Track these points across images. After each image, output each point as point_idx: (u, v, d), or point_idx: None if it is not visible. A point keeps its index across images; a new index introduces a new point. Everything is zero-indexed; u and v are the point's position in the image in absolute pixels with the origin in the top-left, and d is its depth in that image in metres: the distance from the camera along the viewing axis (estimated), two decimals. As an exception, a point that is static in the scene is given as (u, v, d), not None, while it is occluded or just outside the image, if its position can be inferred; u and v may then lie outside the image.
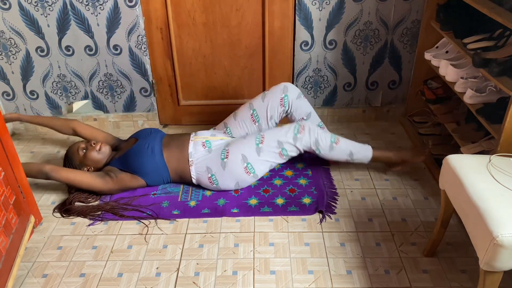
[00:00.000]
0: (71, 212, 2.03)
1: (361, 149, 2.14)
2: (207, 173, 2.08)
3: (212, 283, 1.67)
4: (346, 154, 2.12)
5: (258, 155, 2.06)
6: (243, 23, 2.45)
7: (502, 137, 1.63)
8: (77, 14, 2.38)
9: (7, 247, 1.57)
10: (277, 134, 2.09)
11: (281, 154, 2.09)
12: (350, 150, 2.12)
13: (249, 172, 2.07)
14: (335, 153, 2.11)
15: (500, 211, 1.29)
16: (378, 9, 2.40)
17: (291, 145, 2.08)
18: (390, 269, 1.72)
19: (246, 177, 2.09)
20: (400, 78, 2.64)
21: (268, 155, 2.08)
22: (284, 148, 2.08)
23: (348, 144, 2.13)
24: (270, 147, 2.07)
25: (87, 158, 2.14)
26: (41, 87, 2.62)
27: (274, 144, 2.07)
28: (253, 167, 2.07)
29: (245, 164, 2.06)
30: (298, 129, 2.07)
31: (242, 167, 2.06)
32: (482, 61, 1.73)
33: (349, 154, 2.12)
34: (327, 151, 2.10)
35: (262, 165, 2.09)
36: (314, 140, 2.07)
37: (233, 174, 2.07)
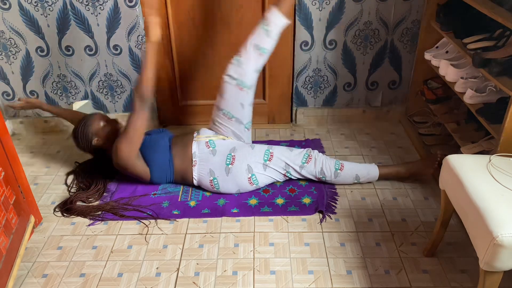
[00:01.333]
0: (71, 212, 2.03)
1: (367, 170, 2.15)
2: (209, 175, 2.08)
3: (212, 283, 1.67)
4: (352, 178, 2.14)
5: (264, 170, 2.09)
6: (243, 23, 2.45)
7: (502, 137, 1.63)
8: (77, 14, 2.38)
9: (7, 247, 1.57)
10: (286, 156, 2.12)
11: (285, 175, 2.14)
12: (355, 174, 2.14)
13: (252, 183, 2.09)
14: (341, 179, 2.14)
15: (500, 211, 1.29)
16: (378, 9, 2.40)
17: (296, 171, 2.12)
18: (390, 269, 1.72)
19: (249, 186, 2.10)
20: (400, 78, 2.64)
21: (274, 173, 2.12)
22: (289, 172, 2.12)
23: (352, 168, 2.14)
24: (277, 166, 2.11)
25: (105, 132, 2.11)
26: (41, 87, 2.62)
27: (282, 165, 2.11)
28: (257, 179, 2.09)
29: (250, 175, 2.07)
30: (307, 158, 2.11)
31: (247, 177, 2.07)
32: (482, 61, 1.73)
33: (355, 178, 2.14)
34: (333, 178, 2.13)
35: (265, 179, 2.12)
36: (319, 170, 2.11)
37: (236, 181, 2.07)
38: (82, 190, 2.15)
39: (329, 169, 2.11)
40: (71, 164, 2.39)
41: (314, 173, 2.12)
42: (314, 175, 2.13)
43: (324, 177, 2.13)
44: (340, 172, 2.12)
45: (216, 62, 2.57)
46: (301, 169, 2.11)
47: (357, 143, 2.54)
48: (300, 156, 2.12)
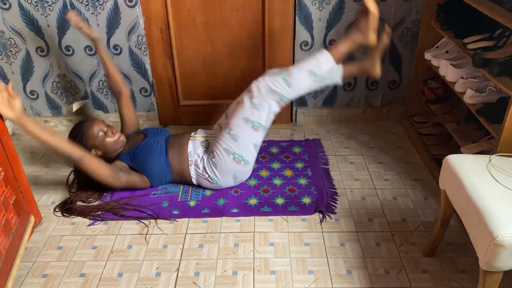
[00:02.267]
0: (72, 212, 2.03)
1: (316, 60, 1.98)
2: (205, 173, 2.08)
3: (212, 283, 1.67)
4: (308, 78, 1.96)
5: (236, 141, 2.02)
6: (243, 23, 2.45)
7: (502, 137, 1.63)
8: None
9: (7, 247, 1.57)
10: (239, 113, 2.02)
11: (254, 127, 2.02)
12: (307, 70, 1.96)
13: (238, 161, 2.05)
14: (296, 86, 1.96)
15: (500, 211, 1.29)
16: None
17: (255, 114, 1.99)
18: (390, 269, 1.72)
19: (239, 167, 2.06)
20: (400, 78, 2.64)
21: (244, 136, 2.02)
22: (253, 121, 2.01)
23: (301, 67, 1.97)
24: (240, 128, 2.01)
25: (103, 143, 2.07)
26: (41, 87, 2.62)
27: (242, 122, 2.01)
28: (240, 155, 2.04)
29: (232, 156, 2.04)
30: (251, 96, 1.99)
31: (231, 159, 2.04)
32: (482, 61, 1.73)
33: (309, 75, 1.96)
34: (289, 92, 1.97)
35: (245, 149, 2.04)
36: (270, 91, 1.95)
37: (226, 169, 2.05)
38: (82, 190, 2.15)
39: (279, 85, 1.95)
40: (71, 164, 2.38)
41: (268, 99, 1.96)
42: (273, 100, 1.97)
43: (282, 97, 1.97)
44: (290, 80, 1.94)
45: (216, 62, 2.57)
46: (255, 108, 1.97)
47: (357, 143, 2.54)
48: (246, 101, 1.99)
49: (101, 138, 2.07)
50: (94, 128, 2.07)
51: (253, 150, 2.07)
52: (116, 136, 2.10)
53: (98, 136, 2.06)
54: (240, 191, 2.14)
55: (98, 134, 2.06)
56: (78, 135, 2.06)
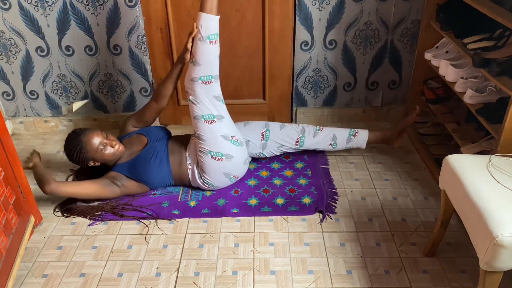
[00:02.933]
0: (72, 212, 2.03)
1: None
2: (199, 179, 2.09)
3: (212, 283, 1.67)
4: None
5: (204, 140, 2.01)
6: (243, 23, 2.45)
7: (502, 137, 1.63)
8: (77, 14, 2.38)
9: (7, 247, 1.57)
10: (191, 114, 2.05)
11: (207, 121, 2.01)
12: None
13: (218, 157, 2.02)
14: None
15: (500, 211, 1.29)
16: (378, 9, 2.40)
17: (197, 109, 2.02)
18: (390, 269, 1.72)
19: (224, 163, 2.03)
20: (400, 78, 2.64)
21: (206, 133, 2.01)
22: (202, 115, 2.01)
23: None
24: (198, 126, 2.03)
25: (101, 155, 2.03)
26: (41, 87, 2.62)
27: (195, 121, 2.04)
28: (215, 151, 2.02)
29: (209, 155, 2.02)
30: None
31: (210, 159, 2.03)
32: (482, 61, 1.73)
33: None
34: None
35: (216, 144, 2.01)
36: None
37: (213, 170, 2.05)
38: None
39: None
40: (71, 164, 2.38)
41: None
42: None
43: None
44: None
45: (216, 62, 2.57)
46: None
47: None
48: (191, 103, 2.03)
49: (100, 151, 2.02)
50: (93, 141, 2.01)
51: (226, 142, 2.04)
52: (115, 148, 2.05)
53: (97, 150, 2.01)
54: (240, 191, 2.14)
55: (98, 148, 2.01)
56: (76, 148, 2.01)
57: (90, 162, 2.05)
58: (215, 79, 2.01)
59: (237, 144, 2.08)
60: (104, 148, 2.02)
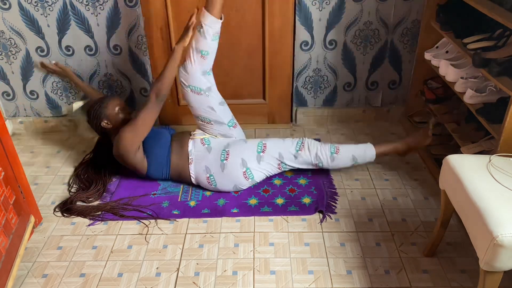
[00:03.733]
0: (72, 212, 2.03)
1: (363, 150, 2.15)
2: (205, 173, 2.08)
3: (212, 283, 1.67)
4: (349, 160, 2.14)
5: (258, 163, 2.08)
6: (243, 23, 2.45)
7: (502, 137, 1.63)
8: (77, 14, 2.38)
9: (7, 247, 1.57)
10: (280, 146, 2.11)
11: (280, 167, 2.13)
12: (352, 155, 2.13)
13: (247, 177, 2.08)
14: (337, 163, 2.13)
15: (500, 211, 1.29)
16: (378, 9, 2.40)
17: (290, 160, 2.11)
18: (390, 269, 1.72)
19: (244, 182, 2.09)
20: (400, 78, 2.64)
21: (268, 166, 2.11)
22: (284, 162, 2.11)
23: (348, 150, 2.14)
24: (271, 158, 2.10)
25: (116, 117, 2.11)
26: (41, 87, 2.62)
27: (276, 156, 2.10)
28: (252, 173, 2.08)
29: (245, 169, 2.06)
30: (300, 146, 2.11)
31: (241, 171, 2.06)
32: (482, 61, 1.73)
33: (352, 159, 2.13)
34: (330, 163, 2.12)
35: (260, 172, 2.11)
36: (315, 156, 2.11)
37: (232, 177, 2.07)
38: (82, 190, 2.15)
39: (324, 154, 2.11)
40: (71, 164, 2.39)
41: (309, 160, 2.11)
42: (310, 162, 2.12)
43: (321, 163, 2.12)
44: (336, 155, 2.11)
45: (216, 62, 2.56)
46: (295, 158, 2.11)
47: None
48: (293, 144, 2.11)
49: (117, 112, 2.11)
50: (115, 102, 2.13)
51: (264, 176, 2.14)
52: (130, 116, 2.13)
53: (114, 110, 2.11)
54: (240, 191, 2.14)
55: (116, 107, 2.11)
56: (98, 102, 2.13)
57: (104, 120, 2.11)
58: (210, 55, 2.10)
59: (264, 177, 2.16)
60: (121, 112, 2.12)
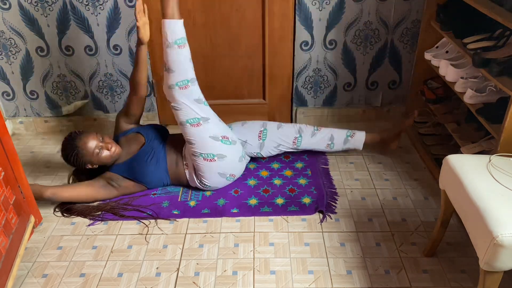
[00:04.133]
0: (71, 212, 2.03)
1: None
2: (196, 180, 2.09)
3: (212, 283, 1.67)
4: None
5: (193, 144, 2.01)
6: (243, 23, 2.45)
7: (502, 137, 1.63)
8: (77, 14, 2.38)
9: (7, 247, 1.57)
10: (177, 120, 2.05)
11: (193, 124, 2.01)
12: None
13: (210, 159, 2.01)
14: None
15: (500, 211, 1.29)
16: (378, 9, 2.40)
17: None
18: (390, 269, 1.72)
19: (217, 164, 2.02)
20: (400, 78, 2.64)
21: (194, 135, 2.00)
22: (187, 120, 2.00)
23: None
24: (185, 131, 2.02)
25: (98, 158, 2.02)
26: (41, 87, 2.62)
27: (182, 127, 2.02)
28: (206, 152, 2.01)
29: (201, 157, 2.02)
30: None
31: (203, 160, 2.02)
32: (482, 61, 1.73)
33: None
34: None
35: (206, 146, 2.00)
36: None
37: (207, 171, 2.04)
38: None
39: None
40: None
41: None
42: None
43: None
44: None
45: (216, 63, 2.57)
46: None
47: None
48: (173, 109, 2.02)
49: (97, 154, 2.01)
50: (89, 145, 1.99)
51: (216, 142, 2.02)
52: (111, 150, 2.04)
53: (93, 154, 2.00)
54: (240, 191, 2.14)
55: (94, 151, 2.00)
56: (72, 153, 2.01)
57: (87, 165, 2.05)
58: (191, 83, 1.98)
59: (228, 143, 2.07)
60: (100, 152, 2.01)
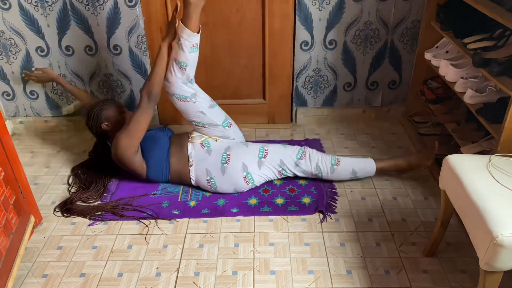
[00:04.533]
0: (72, 212, 2.03)
1: (363, 164, 2.15)
2: (206, 175, 2.08)
3: (212, 283, 1.67)
4: (349, 173, 2.14)
5: (259, 168, 2.08)
6: (243, 23, 2.45)
7: (502, 137, 1.63)
8: (77, 14, 2.38)
9: (7, 247, 1.57)
10: (281, 153, 2.11)
11: (281, 173, 2.14)
12: (352, 168, 2.14)
13: (248, 181, 2.08)
14: (337, 175, 2.14)
15: (500, 211, 1.29)
16: (378, 9, 2.40)
17: (291, 167, 2.12)
18: (390, 269, 1.72)
19: (244, 185, 2.09)
20: (400, 78, 2.64)
21: (268, 171, 2.11)
22: (284, 169, 2.12)
23: (349, 163, 2.14)
24: (272, 164, 2.10)
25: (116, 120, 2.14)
26: (41, 87, 2.62)
27: (277, 162, 2.10)
28: (253, 178, 2.08)
29: (245, 173, 2.06)
30: (301, 154, 2.12)
31: (242, 176, 2.06)
32: (482, 61, 1.73)
33: (352, 173, 2.14)
34: (329, 174, 2.13)
35: (261, 177, 2.11)
36: (315, 166, 2.11)
37: (232, 181, 2.07)
38: (82, 190, 2.15)
39: (325, 165, 2.11)
40: (71, 164, 2.39)
41: (309, 169, 2.12)
42: (310, 172, 2.12)
43: (321, 173, 2.12)
44: (337, 167, 2.12)
45: (216, 63, 2.57)
46: (296, 165, 2.11)
47: (357, 143, 2.54)
48: (294, 152, 2.12)
49: (117, 115, 2.15)
50: (114, 104, 2.18)
51: (264, 181, 2.14)
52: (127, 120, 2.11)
53: (115, 112, 2.15)
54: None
55: (116, 110, 2.15)
56: (99, 104, 2.17)
57: (104, 123, 2.13)
58: None
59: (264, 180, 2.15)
60: (121, 115, 2.15)
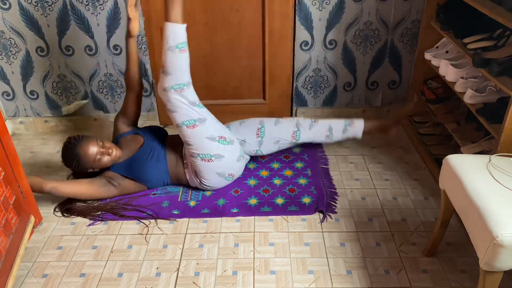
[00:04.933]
0: (71, 212, 2.03)
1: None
2: (196, 177, 2.09)
3: (212, 283, 1.67)
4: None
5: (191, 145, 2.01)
6: (243, 23, 2.45)
7: (502, 137, 1.63)
8: (77, 14, 2.38)
9: (7, 247, 1.57)
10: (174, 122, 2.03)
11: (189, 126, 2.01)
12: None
13: (208, 159, 2.02)
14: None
15: (500, 211, 1.29)
16: (378, 9, 2.40)
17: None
18: (390, 269, 1.72)
19: (215, 164, 2.03)
20: (400, 78, 2.64)
21: (191, 137, 2.01)
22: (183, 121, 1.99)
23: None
24: (182, 132, 2.02)
25: (99, 164, 2.03)
26: (41, 87, 2.62)
27: (179, 129, 2.02)
28: (204, 153, 2.01)
29: (199, 158, 2.02)
30: None
31: (201, 161, 2.02)
32: (482, 61, 1.73)
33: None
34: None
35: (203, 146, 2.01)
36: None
37: (205, 171, 2.04)
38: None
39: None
40: (71, 164, 2.39)
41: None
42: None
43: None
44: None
45: (216, 62, 2.57)
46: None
47: (357, 143, 2.54)
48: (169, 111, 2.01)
49: (98, 161, 2.01)
50: (90, 153, 1.99)
51: (213, 143, 2.03)
52: (112, 155, 2.03)
53: (94, 160, 2.01)
54: (240, 191, 2.14)
55: (95, 158, 2.00)
56: (73, 161, 2.01)
57: (89, 170, 2.07)
58: (187, 86, 1.98)
59: (225, 143, 2.07)
60: (101, 158, 2.02)
